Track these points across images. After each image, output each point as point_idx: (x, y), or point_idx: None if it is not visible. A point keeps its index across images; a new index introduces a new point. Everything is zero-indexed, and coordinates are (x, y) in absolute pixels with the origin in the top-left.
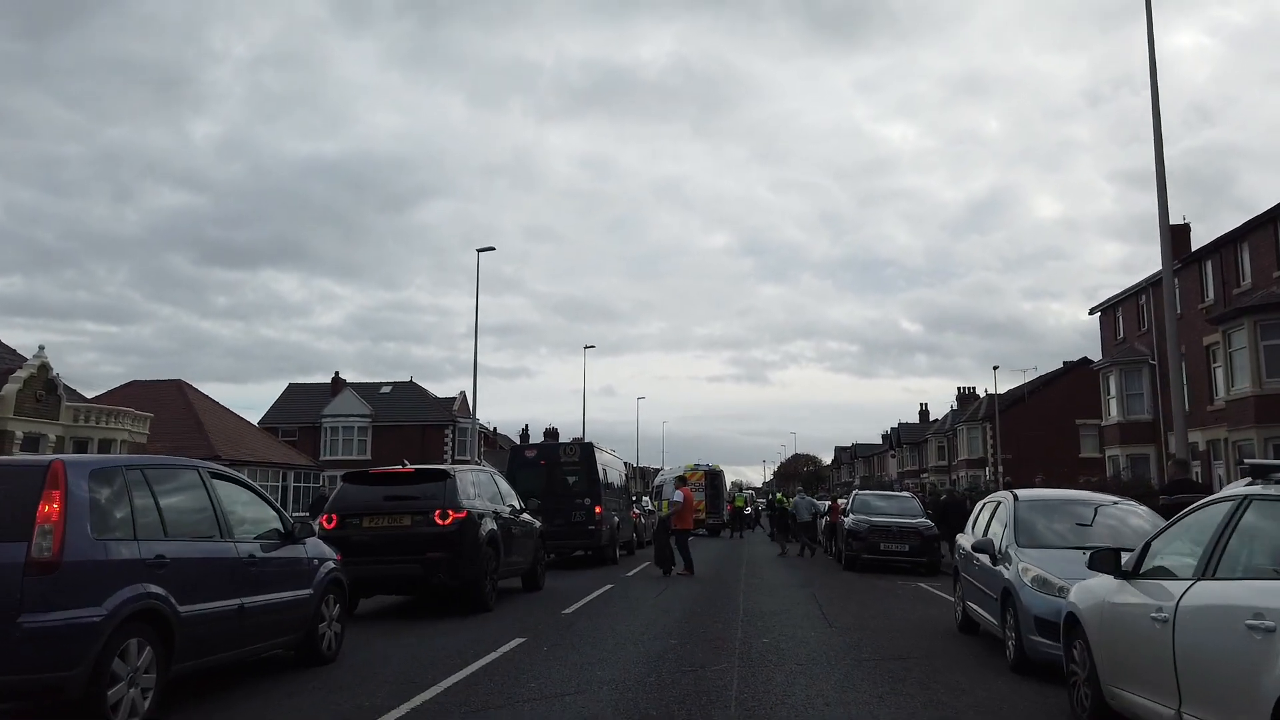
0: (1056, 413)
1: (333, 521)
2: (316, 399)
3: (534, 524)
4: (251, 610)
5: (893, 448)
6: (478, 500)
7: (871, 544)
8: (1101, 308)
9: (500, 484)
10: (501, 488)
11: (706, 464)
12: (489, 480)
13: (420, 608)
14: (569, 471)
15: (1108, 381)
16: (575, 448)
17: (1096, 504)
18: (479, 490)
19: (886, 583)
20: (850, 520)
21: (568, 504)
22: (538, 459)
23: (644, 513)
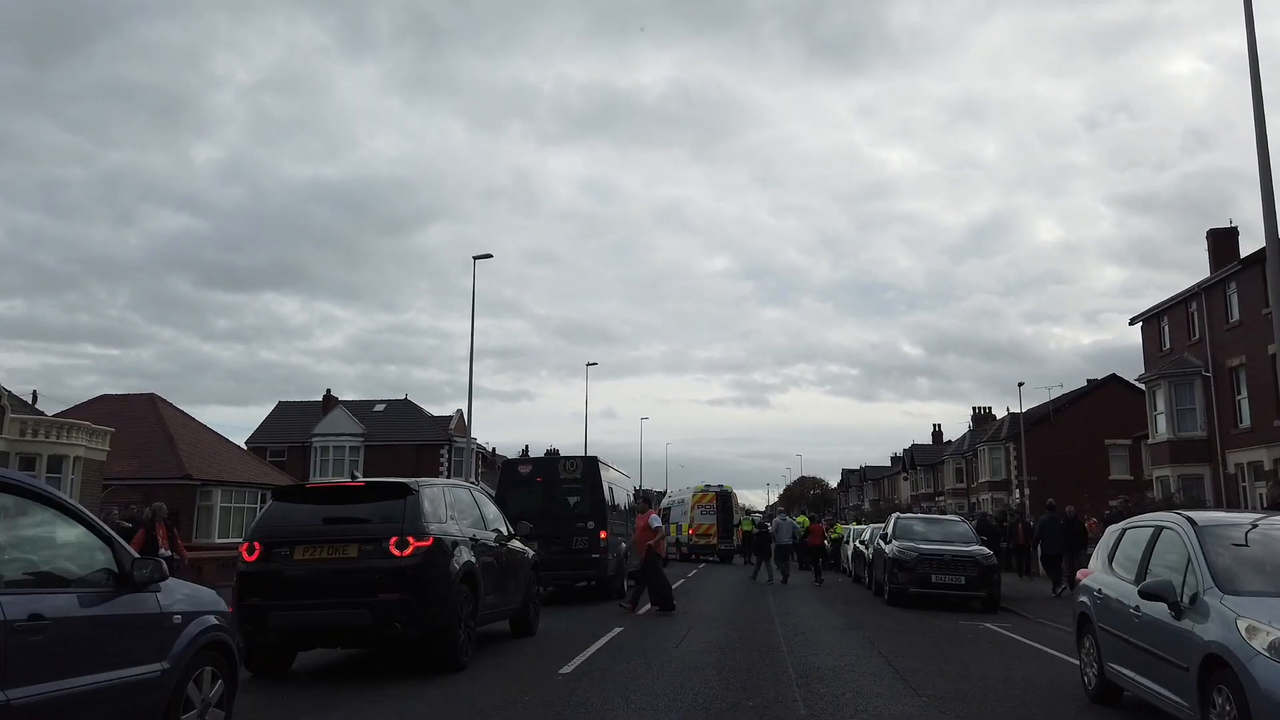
0: (1084, 432)
1: (255, 552)
2: (307, 418)
3: (525, 553)
4: (23, 711)
5: (905, 470)
6: (451, 524)
7: (921, 576)
8: (1144, 317)
9: (483, 504)
10: (485, 509)
11: (717, 485)
12: (467, 499)
13: (375, 663)
14: (570, 490)
15: (1154, 396)
16: (577, 463)
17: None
18: (453, 511)
19: (946, 622)
20: (894, 548)
21: (568, 528)
22: (533, 476)
23: None
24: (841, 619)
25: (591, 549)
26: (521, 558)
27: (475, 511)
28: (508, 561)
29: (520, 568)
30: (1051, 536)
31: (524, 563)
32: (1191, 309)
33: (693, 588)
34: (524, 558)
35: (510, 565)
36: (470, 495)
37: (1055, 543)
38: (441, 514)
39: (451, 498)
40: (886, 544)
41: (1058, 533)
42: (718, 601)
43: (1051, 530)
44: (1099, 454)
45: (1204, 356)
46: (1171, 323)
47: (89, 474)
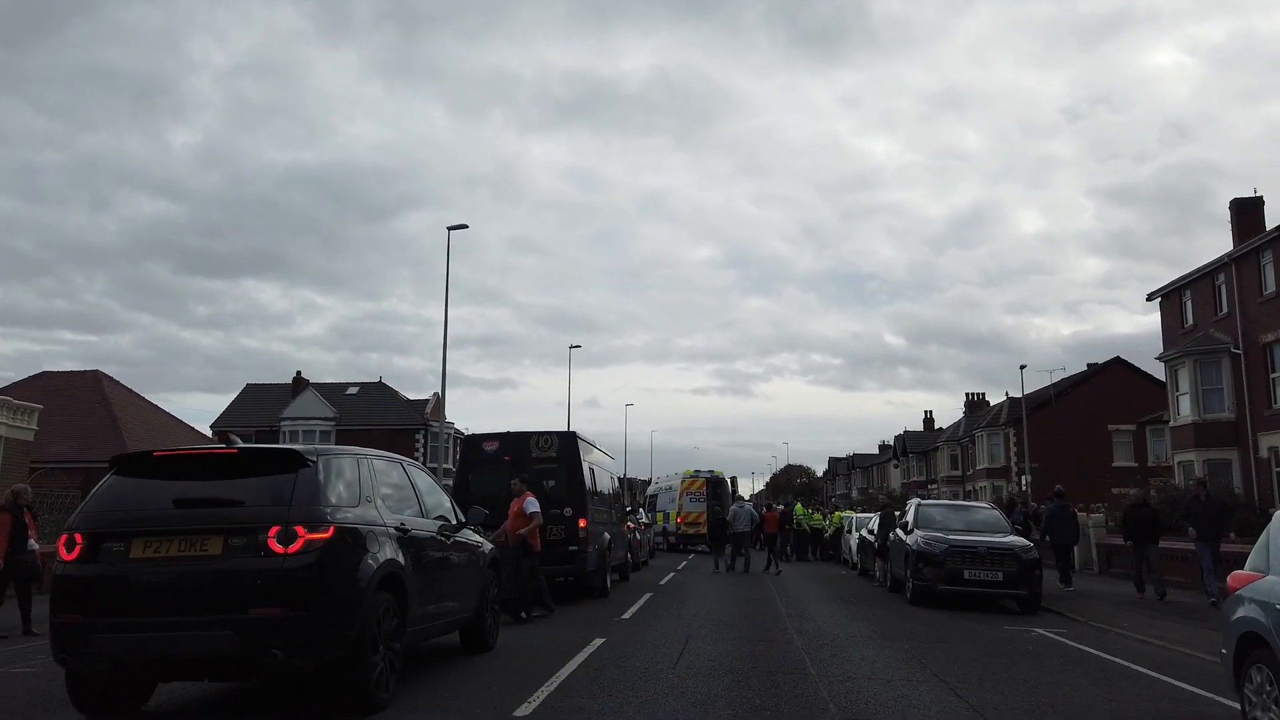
0: (1086, 418)
1: (75, 547)
2: (276, 400)
3: (480, 547)
4: None
5: (896, 457)
6: (369, 508)
7: (951, 571)
8: (1163, 293)
9: (422, 484)
10: (425, 491)
11: (708, 471)
12: (398, 477)
13: (270, 696)
14: (544, 472)
15: (1177, 376)
16: (552, 439)
17: None
18: (374, 491)
19: (987, 626)
20: (917, 539)
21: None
22: (499, 454)
23: (638, 527)
24: (866, 624)
25: (569, 540)
26: (474, 553)
27: (409, 494)
28: (454, 559)
29: (472, 566)
30: (1061, 526)
31: (477, 560)
32: (1219, 282)
33: (684, 583)
34: (478, 553)
35: (458, 564)
36: (403, 472)
37: (1065, 532)
38: (353, 495)
39: (371, 474)
40: (906, 534)
41: (1067, 522)
42: (715, 601)
43: (1061, 519)
44: (1102, 440)
45: (1233, 332)
46: (1196, 297)
47: (12, 454)
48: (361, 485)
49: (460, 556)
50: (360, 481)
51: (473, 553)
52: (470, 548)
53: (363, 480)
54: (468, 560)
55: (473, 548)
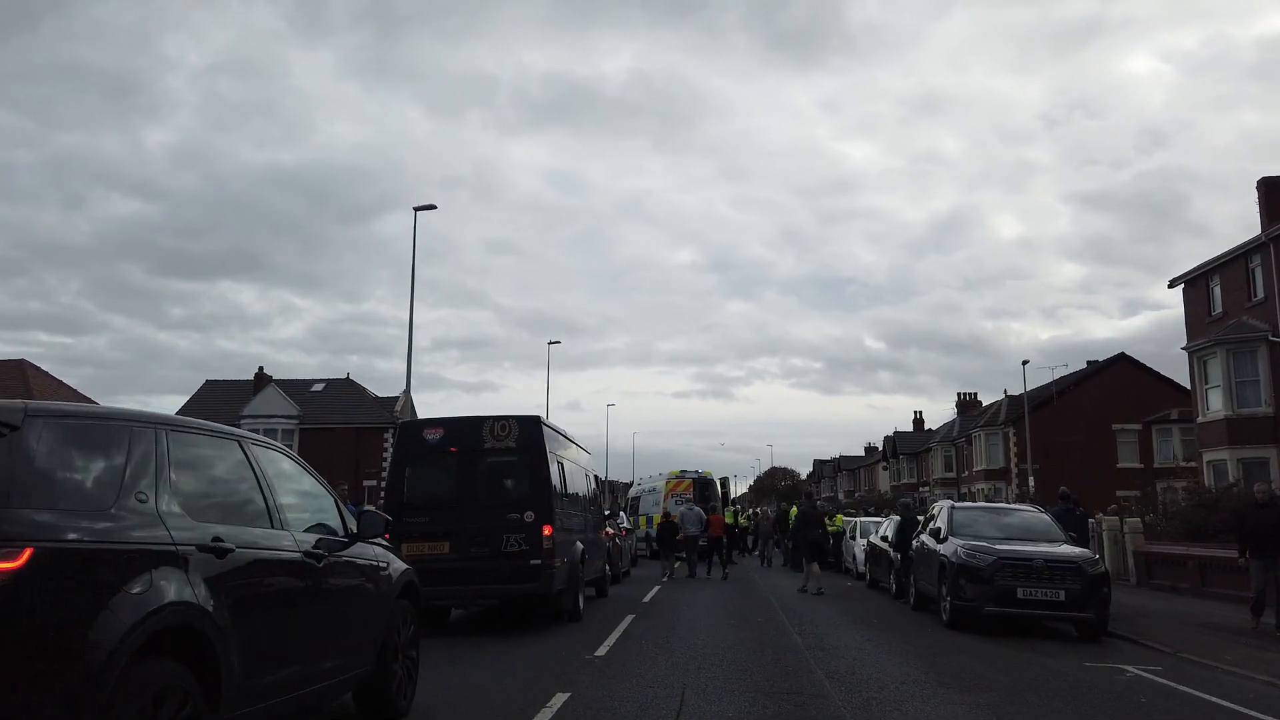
0: (1090, 417)
1: None
2: (237, 397)
3: (380, 569)
4: None
5: (886, 459)
6: (132, 511)
7: (1002, 589)
8: (1187, 279)
9: (270, 470)
10: (272, 479)
11: (695, 471)
12: (233, 463)
13: None
14: (500, 466)
15: (1205, 367)
16: (510, 426)
17: None
18: (147, 482)
19: (1063, 662)
20: (956, 549)
21: (495, 521)
22: (444, 444)
23: (619, 532)
24: (910, 662)
25: (530, 553)
26: (374, 579)
27: (247, 492)
28: (335, 591)
29: (369, 599)
30: (1069, 529)
31: (379, 589)
32: (1253, 264)
33: (672, 600)
34: (380, 578)
35: (343, 597)
36: (242, 456)
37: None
38: (102, 491)
39: (156, 456)
40: (939, 541)
41: (1075, 526)
42: (712, 626)
43: (1068, 522)
44: (1106, 440)
45: (1271, 319)
46: (1225, 282)
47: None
48: (128, 474)
49: (347, 586)
50: (128, 468)
51: (371, 579)
52: (368, 571)
53: (133, 466)
54: (361, 591)
55: (372, 571)
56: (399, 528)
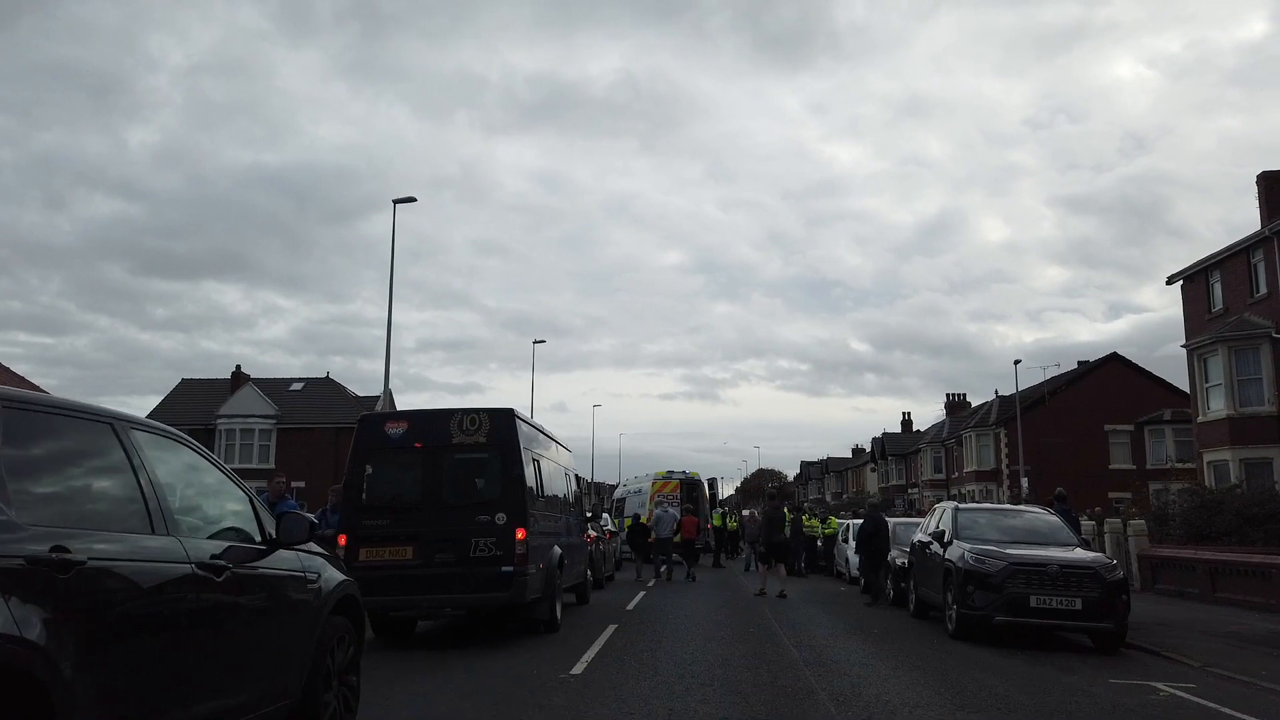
0: (1081, 418)
1: None
2: (213, 396)
3: (314, 580)
4: None
5: (874, 460)
6: None
7: (1013, 597)
8: (1185, 274)
9: (157, 464)
10: (158, 474)
11: (682, 472)
12: (86, 449)
13: None
14: (469, 464)
15: (1206, 365)
16: (481, 420)
17: None
18: None
19: (1087, 679)
20: (963, 554)
21: (463, 524)
22: (408, 439)
23: (602, 535)
24: (922, 680)
25: (501, 558)
26: (300, 593)
27: (125, 487)
28: (245, 610)
29: (284, 618)
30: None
31: (299, 606)
32: (1255, 259)
33: (658, 607)
34: (301, 593)
35: (255, 618)
36: (116, 443)
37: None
38: None
39: None
40: (943, 545)
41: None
42: (701, 637)
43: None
44: (1098, 441)
45: (1274, 315)
46: (1227, 277)
47: None
48: None
49: (261, 602)
50: None
51: (295, 593)
52: (290, 584)
53: None
54: (281, 607)
55: (296, 583)
56: (357, 531)
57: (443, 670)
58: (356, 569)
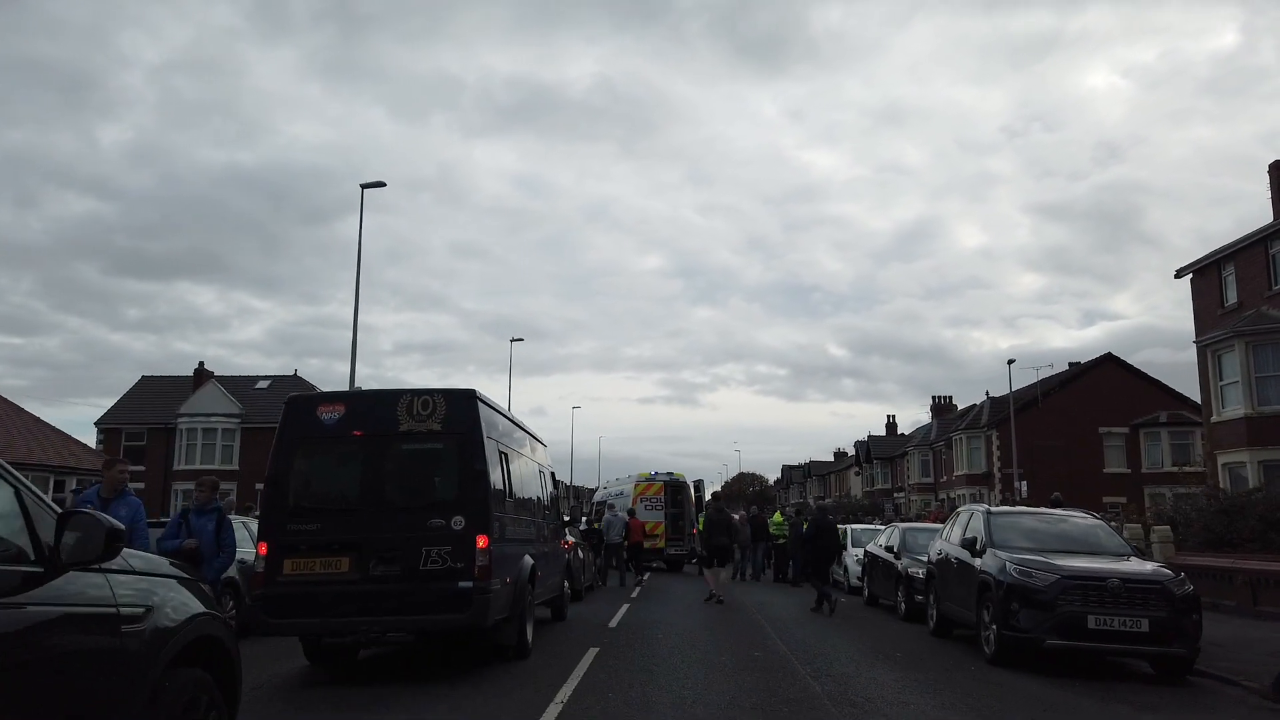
0: (1074, 420)
1: None
2: (175, 394)
3: (128, 613)
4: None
5: (859, 464)
6: None
7: (1068, 618)
8: (1195, 267)
9: None
10: None
11: (667, 473)
12: None
13: None
14: (420, 456)
15: (1219, 362)
16: (435, 403)
17: None
18: None
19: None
20: (1004, 565)
21: (412, 530)
22: (344, 426)
23: (580, 541)
24: None
25: (459, 571)
26: (97, 638)
27: None
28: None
29: (75, 674)
30: None
31: (109, 656)
32: (1274, 250)
33: (645, 624)
34: (111, 634)
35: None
36: None
37: None
38: None
39: None
40: (975, 554)
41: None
42: (699, 663)
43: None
44: (1092, 444)
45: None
46: (1241, 270)
47: None
48: None
49: (21, 658)
50: None
51: (95, 637)
52: (89, 624)
53: None
54: (72, 659)
55: (100, 624)
56: (281, 538)
57: (382, 712)
58: (280, 584)
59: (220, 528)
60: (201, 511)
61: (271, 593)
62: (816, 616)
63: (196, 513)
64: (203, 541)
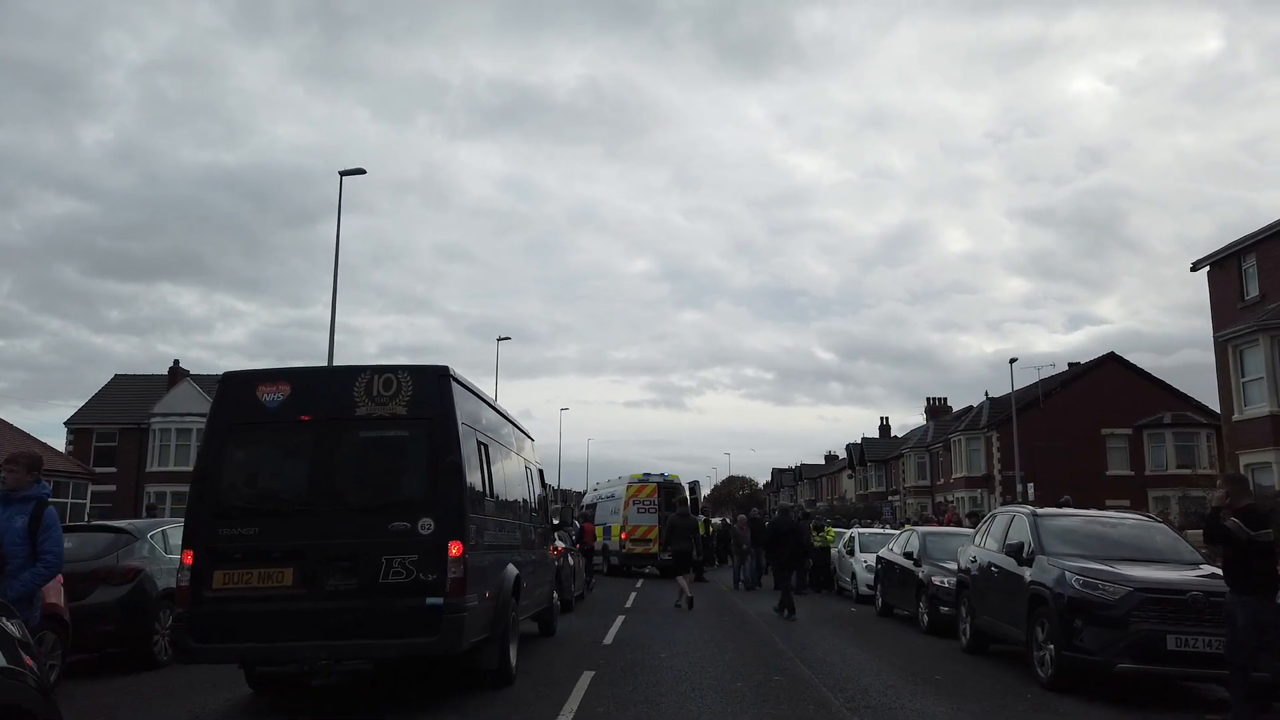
0: (1076, 421)
1: None
2: (148, 393)
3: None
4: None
5: (852, 466)
6: None
7: (1146, 636)
8: (1214, 259)
9: None
10: None
11: (660, 474)
12: None
13: None
14: (381, 446)
15: (1242, 358)
16: (400, 382)
17: None
18: None
19: None
20: (1064, 576)
21: (368, 535)
22: (289, 409)
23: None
24: None
25: (427, 585)
26: None
27: None
28: None
29: None
30: None
31: None
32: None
33: (643, 638)
34: None
35: None
36: None
37: None
38: None
39: None
40: (1022, 562)
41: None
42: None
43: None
44: (1095, 445)
45: None
46: (1263, 261)
47: None
48: None
49: None
50: None
51: None
52: None
53: None
54: None
55: None
56: (211, 545)
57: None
58: (208, 601)
59: (36, 524)
60: (8, 501)
61: (198, 612)
62: (830, 625)
63: (2, 502)
64: (5, 543)
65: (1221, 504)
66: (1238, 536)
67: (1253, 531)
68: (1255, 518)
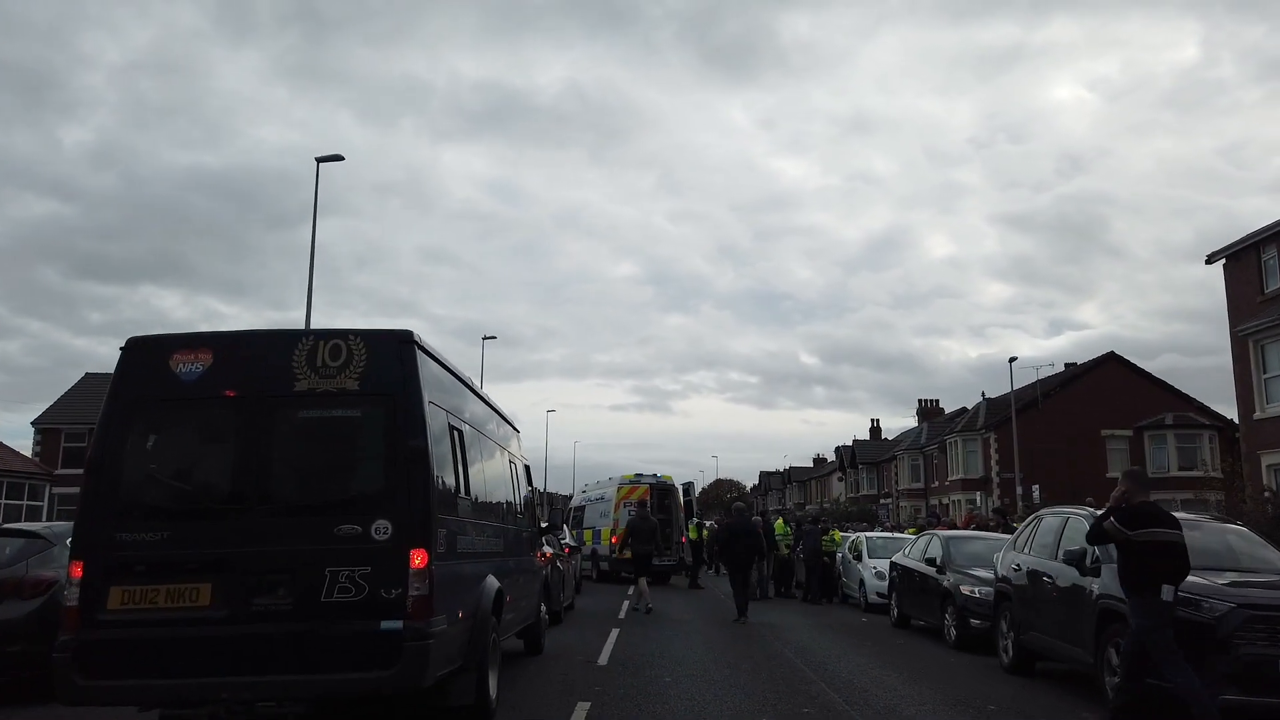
0: (1076, 422)
1: None
2: None
3: None
4: None
5: (843, 469)
6: None
7: (1254, 661)
8: (1229, 252)
9: None
10: None
11: (653, 476)
12: None
13: None
14: (325, 429)
15: (1263, 354)
16: (351, 350)
17: None
18: None
19: None
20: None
21: (307, 540)
22: (211, 383)
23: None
24: None
25: (382, 604)
26: None
27: None
28: None
29: None
30: None
31: None
32: None
33: (641, 656)
34: None
35: None
36: None
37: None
38: None
39: None
40: (1089, 573)
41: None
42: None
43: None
44: (1094, 447)
45: None
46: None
47: None
48: None
49: None
50: None
51: None
52: None
53: None
54: None
55: None
56: (107, 554)
57: None
58: (103, 626)
59: None
60: None
61: (89, 639)
62: (853, 645)
63: None
64: None
65: (1116, 502)
66: (1114, 538)
67: (1129, 532)
68: (1142, 516)
